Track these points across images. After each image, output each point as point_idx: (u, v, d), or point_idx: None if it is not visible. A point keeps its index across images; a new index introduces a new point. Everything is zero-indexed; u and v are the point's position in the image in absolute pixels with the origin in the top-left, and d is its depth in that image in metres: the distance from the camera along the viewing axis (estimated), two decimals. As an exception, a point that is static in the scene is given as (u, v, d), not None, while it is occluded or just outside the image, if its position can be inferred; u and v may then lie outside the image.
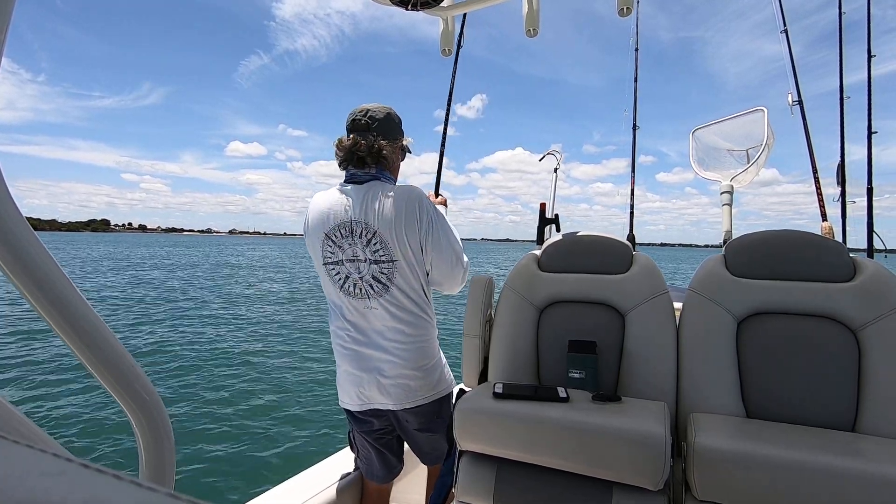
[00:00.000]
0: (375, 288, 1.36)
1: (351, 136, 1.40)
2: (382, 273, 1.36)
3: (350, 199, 1.37)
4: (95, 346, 0.43)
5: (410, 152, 1.55)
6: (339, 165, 1.44)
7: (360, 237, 1.35)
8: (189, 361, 6.78)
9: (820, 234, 1.58)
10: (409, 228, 1.33)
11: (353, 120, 1.41)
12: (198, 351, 7.40)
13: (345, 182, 1.43)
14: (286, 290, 16.74)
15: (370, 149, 1.37)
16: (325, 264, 1.41)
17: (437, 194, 2.04)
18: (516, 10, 1.83)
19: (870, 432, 1.15)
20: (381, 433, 1.51)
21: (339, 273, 1.39)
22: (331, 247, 1.39)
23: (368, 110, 1.40)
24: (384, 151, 1.38)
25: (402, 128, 1.49)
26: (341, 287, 1.40)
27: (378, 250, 1.34)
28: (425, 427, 1.47)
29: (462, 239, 1.49)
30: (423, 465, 1.63)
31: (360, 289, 1.38)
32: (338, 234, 1.37)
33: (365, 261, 1.36)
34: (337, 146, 1.42)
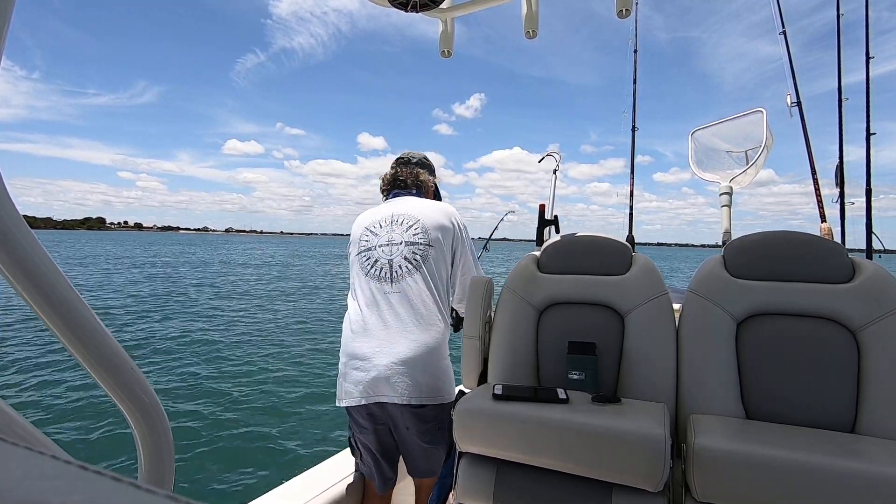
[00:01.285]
0: (404, 268, 1.48)
1: (395, 167, 1.72)
2: (416, 255, 1.49)
3: (395, 202, 1.63)
4: (94, 348, 0.43)
5: (440, 193, 1.84)
6: (383, 192, 1.73)
7: (401, 224, 1.54)
8: (189, 361, 6.77)
9: (819, 234, 1.58)
10: (446, 231, 1.56)
11: (398, 158, 1.77)
12: (198, 350, 7.39)
13: (388, 198, 1.68)
14: (297, 287, 16.76)
15: (410, 174, 1.69)
16: (358, 254, 1.56)
17: None
18: (515, 12, 1.84)
19: (869, 433, 1.15)
20: (378, 442, 1.51)
21: (368, 258, 1.53)
22: (367, 236, 1.57)
23: (410, 152, 1.78)
24: (421, 178, 1.70)
25: (435, 172, 1.81)
26: (367, 272, 1.51)
27: (418, 233, 1.51)
28: (425, 437, 1.46)
29: None
30: None
31: (386, 272, 1.48)
32: (378, 224, 1.58)
33: (401, 243, 1.50)
34: (382, 178, 1.74)
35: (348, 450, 1.68)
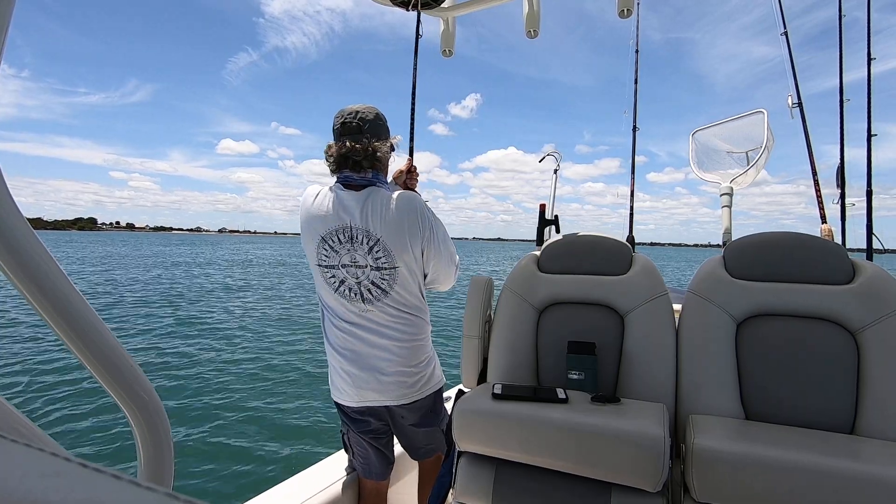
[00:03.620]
0: (374, 293, 1.37)
1: (343, 140, 1.35)
2: (383, 279, 1.36)
3: (349, 206, 1.35)
4: (94, 346, 0.43)
5: (395, 149, 1.49)
6: (333, 171, 1.40)
7: (362, 244, 1.34)
8: (190, 360, 6.78)
9: (820, 235, 1.58)
10: (413, 237, 1.34)
11: (344, 123, 1.36)
12: (200, 348, 7.39)
13: (340, 184, 1.39)
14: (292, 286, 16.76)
15: (365, 152, 1.34)
16: (318, 265, 1.40)
17: (410, 154, 1.98)
18: (511, 12, 1.84)
19: (869, 434, 1.15)
20: (377, 432, 1.52)
21: (333, 277, 1.38)
22: (326, 251, 1.37)
23: (358, 112, 1.36)
24: (378, 154, 1.36)
25: (389, 130, 1.46)
26: (336, 289, 1.39)
27: (380, 258, 1.34)
28: (420, 422, 1.48)
29: (453, 238, 1.50)
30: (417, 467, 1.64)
31: (356, 293, 1.37)
32: (335, 238, 1.35)
33: (366, 266, 1.35)
34: (328, 153, 1.38)
35: (333, 456, 1.69)
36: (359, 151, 1.33)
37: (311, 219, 1.38)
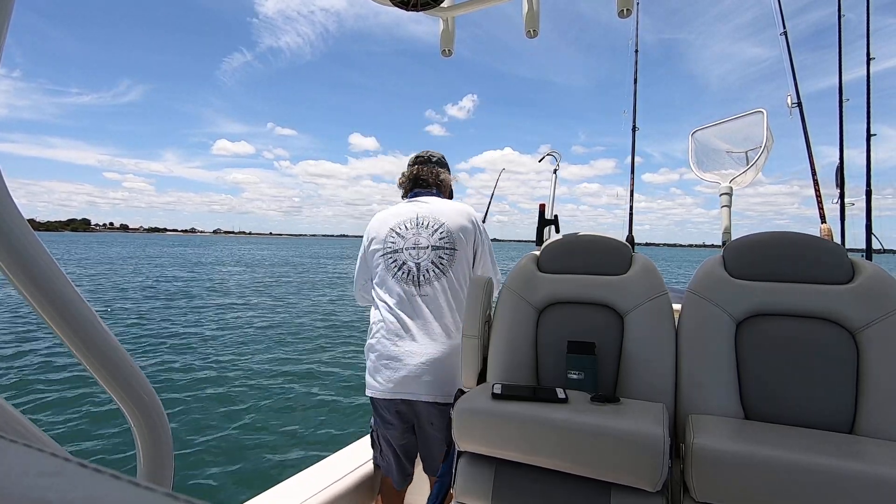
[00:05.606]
0: (433, 272, 1.53)
1: (416, 167, 1.75)
2: (442, 259, 1.54)
3: (417, 204, 1.66)
4: (94, 346, 0.43)
5: (455, 181, 1.86)
6: (405, 192, 1.76)
7: (427, 227, 1.59)
8: (190, 359, 6.77)
9: (819, 235, 1.58)
10: (468, 234, 1.61)
11: (418, 156, 1.79)
12: (199, 347, 7.39)
13: (408, 197, 1.72)
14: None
15: (431, 174, 1.73)
16: (384, 255, 1.58)
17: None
18: (508, 12, 1.85)
19: (868, 434, 1.15)
20: (402, 438, 1.56)
21: (395, 261, 1.57)
22: (394, 238, 1.61)
23: (430, 152, 1.81)
24: (442, 177, 1.75)
25: (450, 171, 1.85)
26: (395, 274, 1.56)
27: (443, 237, 1.58)
28: (447, 433, 1.51)
29: None
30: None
31: (413, 276, 1.54)
32: (403, 227, 1.62)
33: (427, 247, 1.55)
34: (402, 178, 1.77)
35: (364, 438, 1.75)
36: (426, 173, 1.74)
37: (382, 221, 1.66)
